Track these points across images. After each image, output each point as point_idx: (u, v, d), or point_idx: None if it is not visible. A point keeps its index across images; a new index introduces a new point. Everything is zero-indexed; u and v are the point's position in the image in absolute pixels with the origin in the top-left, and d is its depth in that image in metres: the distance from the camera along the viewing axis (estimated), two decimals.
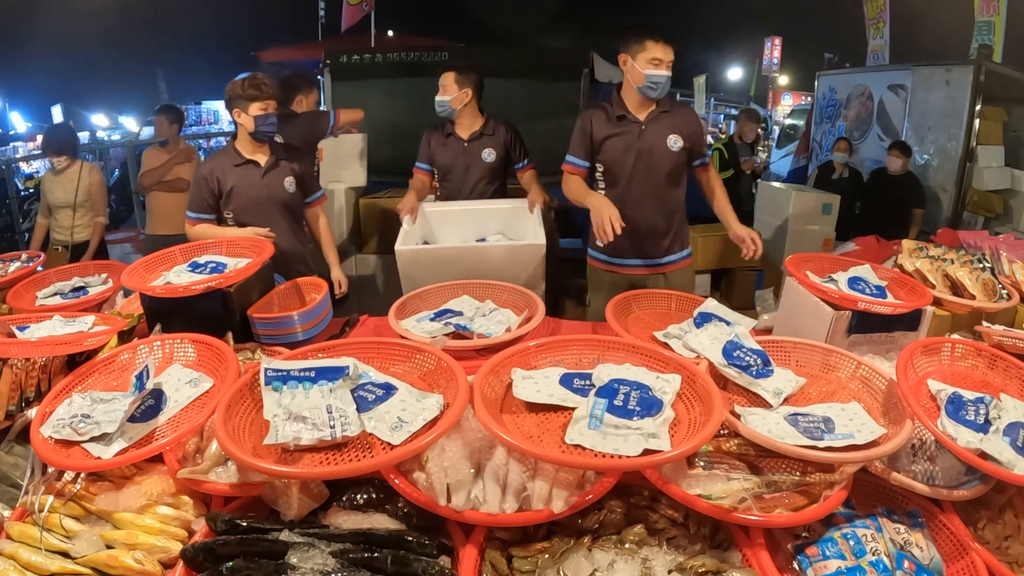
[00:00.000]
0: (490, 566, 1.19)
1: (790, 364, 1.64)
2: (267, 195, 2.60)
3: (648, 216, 2.55)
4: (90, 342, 1.67)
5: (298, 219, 2.77)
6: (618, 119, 2.49)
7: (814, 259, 2.17)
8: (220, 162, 2.61)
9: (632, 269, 2.65)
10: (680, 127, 2.50)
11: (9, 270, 2.46)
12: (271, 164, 2.61)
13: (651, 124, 2.48)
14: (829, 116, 7.10)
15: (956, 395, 1.41)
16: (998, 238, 2.58)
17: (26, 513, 1.28)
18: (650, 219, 2.56)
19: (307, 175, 2.76)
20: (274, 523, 1.21)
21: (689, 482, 1.26)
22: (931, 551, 1.24)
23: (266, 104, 2.47)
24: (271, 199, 2.61)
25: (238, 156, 2.58)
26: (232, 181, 2.56)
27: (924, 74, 5.76)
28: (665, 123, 2.48)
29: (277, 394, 1.33)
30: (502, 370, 1.47)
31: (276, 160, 2.62)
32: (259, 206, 2.58)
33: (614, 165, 2.52)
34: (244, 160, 2.57)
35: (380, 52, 5.67)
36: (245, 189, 2.56)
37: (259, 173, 2.59)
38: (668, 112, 2.50)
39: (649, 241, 2.60)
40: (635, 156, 2.48)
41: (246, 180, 2.57)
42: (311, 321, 1.99)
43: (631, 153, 2.48)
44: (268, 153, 2.62)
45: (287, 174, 2.64)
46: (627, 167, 2.50)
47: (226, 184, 2.56)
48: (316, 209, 2.82)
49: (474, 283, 2.30)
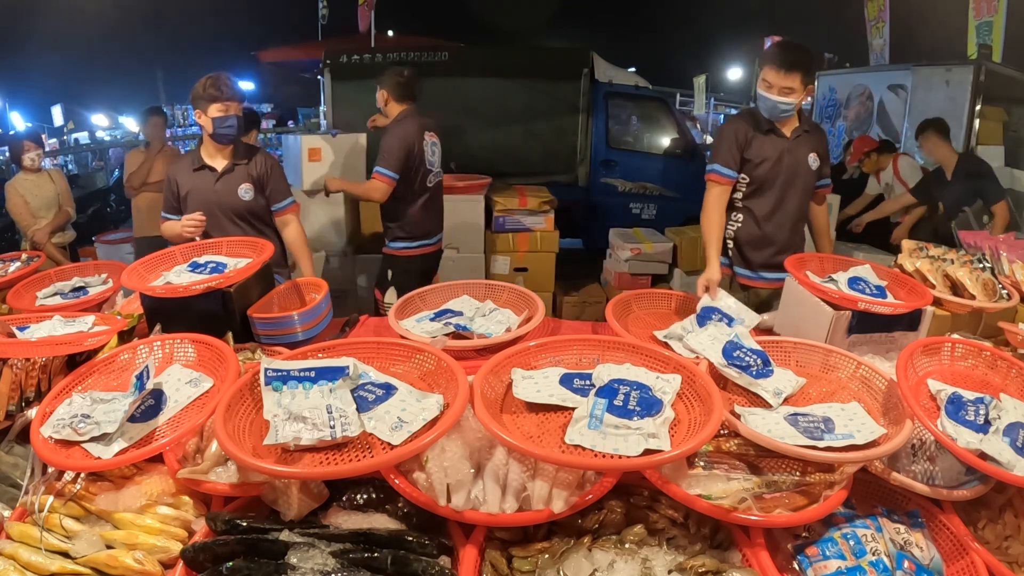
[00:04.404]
0: (490, 566, 1.19)
1: (790, 364, 1.64)
2: (217, 201, 2.51)
3: (787, 231, 2.53)
4: (90, 342, 1.66)
5: (261, 227, 2.63)
6: (767, 132, 2.45)
7: (814, 259, 2.17)
8: (182, 164, 2.59)
9: (767, 283, 2.58)
10: (817, 147, 2.52)
11: (9, 270, 2.46)
12: (226, 169, 2.53)
13: (795, 141, 2.47)
14: (829, 116, 7.09)
15: (956, 395, 1.41)
16: (998, 238, 2.58)
17: (26, 513, 1.28)
18: (787, 235, 2.54)
19: (271, 181, 2.60)
20: (274, 523, 1.21)
21: (689, 482, 1.26)
22: (931, 551, 1.24)
23: (226, 105, 2.41)
24: (222, 206, 2.52)
25: (197, 160, 2.54)
26: (187, 186, 2.53)
27: (924, 74, 5.76)
28: (807, 141, 2.49)
29: (277, 394, 1.33)
30: (502, 370, 1.47)
31: (233, 165, 2.54)
32: (211, 212, 2.49)
33: (762, 177, 2.47)
34: (201, 164, 2.53)
35: (380, 52, 5.69)
36: (198, 194, 2.52)
37: (213, 179, 2.52)
38: (808, 132, 2.50)
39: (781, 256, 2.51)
40: (783, 170, 2.45)
41: (199, 185, 2.52)
42: (311, 321, 1.99)
43: (780, 166, 2.45)
44: (228, 158, 2.54)
45: (243, 180, 2.53)
46: (774, 180, 2.46)
47: (183, 188, 2.54)
48: (285, 217, 2.66)
49: (474, 283, 2.30)
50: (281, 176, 2.67)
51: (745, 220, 2.53)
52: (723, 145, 2.47)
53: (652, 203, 5.93)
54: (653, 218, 5.91)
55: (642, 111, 6.23)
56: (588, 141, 5.85)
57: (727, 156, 2.45)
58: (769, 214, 2.49)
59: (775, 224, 2.50)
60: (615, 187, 5.94)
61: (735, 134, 2.45)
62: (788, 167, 2.45)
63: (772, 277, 2.55)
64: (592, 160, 5.90)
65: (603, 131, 5.87)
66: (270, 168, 2.61)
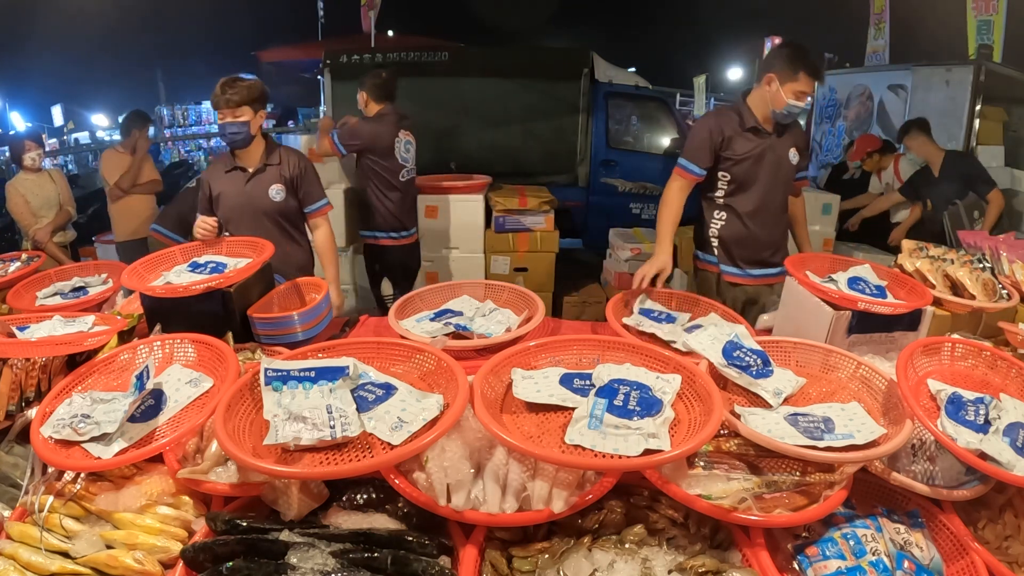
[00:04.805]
0: (490, 566, 1.19)
1: (790, 364, 1.64)
2: (248, 202, 2.52)
3: (771, 227, 2.55)
4: (90, 342, 1.66)
5: (291, 230, 2.64)
6: (749, 130, 2.43)
7: (814, 259, 2.17)
8: (216, 166, 2.60)
9: (754, 280, 2.59)
10: (796, 141, 2.53)
11: (9, 270, 2.46)
12: (258, 170, 2.53)
13: (778, 136, 2.48)
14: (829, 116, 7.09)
15: (956, 395, 1.41)
16: (998, 238, 2.57)
17: (26, 513, 1.28)
18: (771, 231, 2.56)
19: (304, 183, 2.60)
20: (274, 523, 1.21)
21: (689, 482, 1.26)
22: (931, 551, 1.24)
23: (229, 112, 2.38)
24: (252, 207, 2.52)
25: (229, 162, 2.55)
26: (219, 187, 2.54)
27: (924, 74, 5.75)
28: (787, 136, 2.50)
29: (277, 394, 1.33)
30: (502, 370, 1.47)
31: (264, 166, 2.53)
32: (242, 213, 2.51)
33: (743, 175, 2.46)
34: (233, 166, 2.54)
35: (380, 52, 5.68)
36: (229, 196, 2.52)
37: (243, 180, 2.52)
38: (788, 126, 2.51)
39: (767, 252, 2.59)
40: (765, 167, 2.45)
41: (231, 186, 2.53)
42: (311, 321, 1.99)
43: (761, 164, 2.45)
44: (259, 159, 2.54)
45: (275, 181, 2.53)
46: (756, 178, 2.46)
47: (215, 189, 2.54)
48: (316, 220, 2.67)
49: (474, 283, 2.30)
50: (315, 178, 2.63)
51: (729, 218, 2.52)
52: (697, 142, 2.45)
53: (652, 203, 5.92)
54: (653, 218, 5.88)
55: (642, 111, 6.23)
56: (588, 141, 5.85)
57: (698, 155, 2.43)
58: (754, 211, 2.49)
59: (760, 221, 2.50)
60: (615, 187, 5.94)
61: (711, 134, 2.42)
62: (770, 163, 2.46)
63: (759, 273, 2.57)
64: (592, 160, 5.89)
65: (603, 131, 5.87)
66: (304, 169, 2.59)
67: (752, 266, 2.56)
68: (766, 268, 2.58)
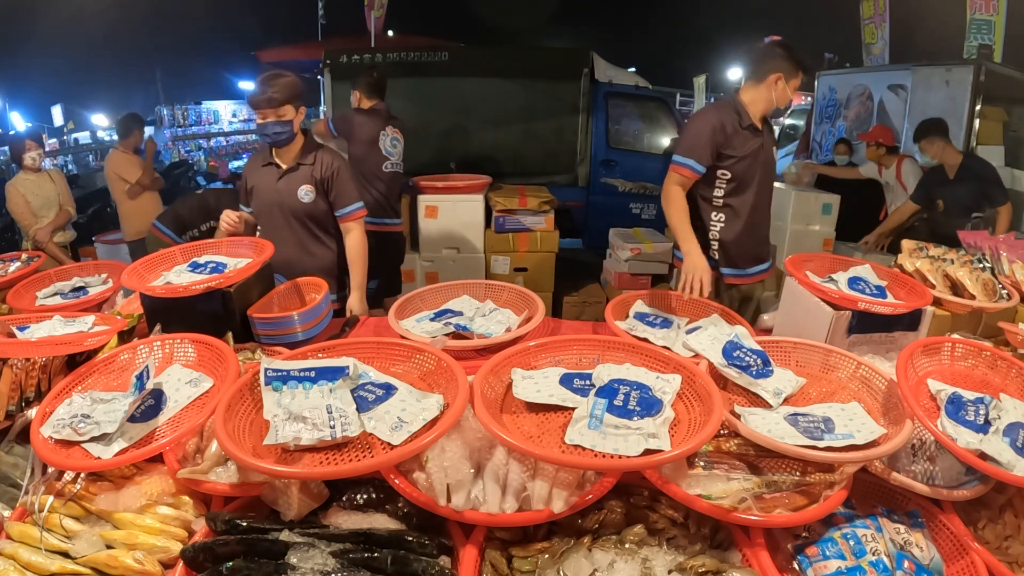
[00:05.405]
0: (490, 566, 1.19)
1: (790, 364, 1.64)
2: (277, 200, 2.47)
3: (764, 225, 2.59)
4: (90, 342, 1.66)
5: (318, 231, 2.55)
6: (747, 127, 2.41)
7: (814, 259, 2.17)
8: (256, 160, 2.58)
9: (750, 278, 2.60)
10: (773, 135, 2.60)
11: (9, 270, 2.46)
12: (290, 168, 2.46)
13: (766, 133, 2.50)
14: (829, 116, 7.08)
15: (956, 395, 1.41)
16: (998, 238, 2.57)
17: (26, 513, 1.28)
18: (765, 228, 2.60)
19: (336, 185, 2.49)
20: (274, 523, 1.21)
21: (689, 482, 1.26)
22: (931, 551, 1.24)
23: (264, 113, 2.33)
24: (281, 205, 2.47)
25: (267, 155, 2.51)
26: (253, 180, 2.53)
27: (924, 74, 5.75)
28: (770, 133, 2.55)
29: (277, 394, 1.33)
30: (502, 370, 1.47)
31: (297, 165, 2.46)
32: (272, 210, 2.48)
33: (743, 173, 2.43)
34: (269, 161, 2.50)
35: (380, 52, 5.68)
36: (261, 191, 2.51)
37: (275, 176, 2.48)
38: (767, 123, 2.55)
39: (761, 248, 2.60)
40: (760, 165, 2.45)
41: (264, 182, 2.50)
42: (311, 321, 1.99)
43: (758, 162, 2.44)
44: (295, 157, 2.47)
45: (305, 181, 2.46)
46: (753, 176, 2.45)
47: (251, 182, 2.54)
48: (348, 224, 2.55)
49: (474, 283, 2.30)
50: (347, 179, 2.52)
51: (728, 219, 2.47)
52: (698, 139, 2.35)
53: (652, 203, 5.93)
54: (653, 218, 5.92)
55: (642, 111, 6.23)
56: (588, 141, 5.85)
57: (701, 151, 2.34)
58: (752, 210, 2.48)
59: (756, 219, 2.51)
60: (615, 187, 5.94)
61: (713, 131, 2.34)
62: (764, 161, 2.47)
63: (755, 271, 2.59)
64: (592, 160, 5.89)
65: (603, 131, 5.87)
66: (336, 171, 2.49)
67: (749, 264, 2.56)
68: (760, 264, 2.60)
